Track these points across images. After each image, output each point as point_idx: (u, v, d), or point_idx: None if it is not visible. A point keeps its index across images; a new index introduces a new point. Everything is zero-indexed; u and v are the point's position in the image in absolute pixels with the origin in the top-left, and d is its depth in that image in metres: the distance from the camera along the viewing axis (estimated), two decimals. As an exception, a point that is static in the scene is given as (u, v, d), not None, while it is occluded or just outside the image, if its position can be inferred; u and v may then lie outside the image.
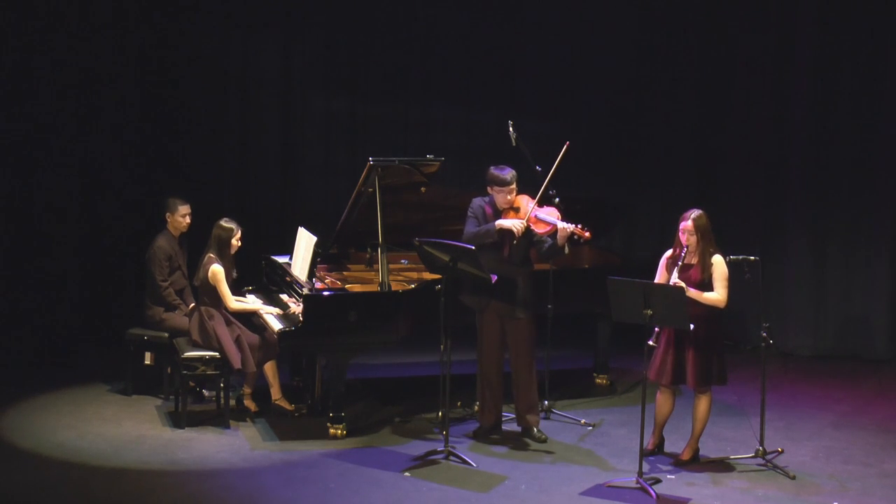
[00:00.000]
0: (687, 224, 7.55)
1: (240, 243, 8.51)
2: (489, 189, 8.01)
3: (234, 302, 8.44)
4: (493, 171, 7.98)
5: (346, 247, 9.17)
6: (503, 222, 7.87)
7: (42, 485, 7.28)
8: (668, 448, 8.00)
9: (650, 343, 7.41)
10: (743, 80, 11.03)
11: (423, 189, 8.62)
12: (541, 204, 7.94)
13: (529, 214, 7.86)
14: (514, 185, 7.93)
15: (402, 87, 11.50)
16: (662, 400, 7.84)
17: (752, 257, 7.80)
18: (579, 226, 7.69)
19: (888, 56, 10.52)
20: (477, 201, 8.08)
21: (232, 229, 8.44)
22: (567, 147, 7.89)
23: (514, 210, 7.96)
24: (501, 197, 7.95)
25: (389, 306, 8.16)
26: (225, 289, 8.36)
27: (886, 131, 10.58)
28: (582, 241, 7.76)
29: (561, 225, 7.72)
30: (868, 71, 10.60)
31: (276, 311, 8.61)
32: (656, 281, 7.64)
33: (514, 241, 7.88)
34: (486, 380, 8.20)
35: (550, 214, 7.87)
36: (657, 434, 7.96)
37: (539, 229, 7.85)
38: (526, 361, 8.10)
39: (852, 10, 10.59)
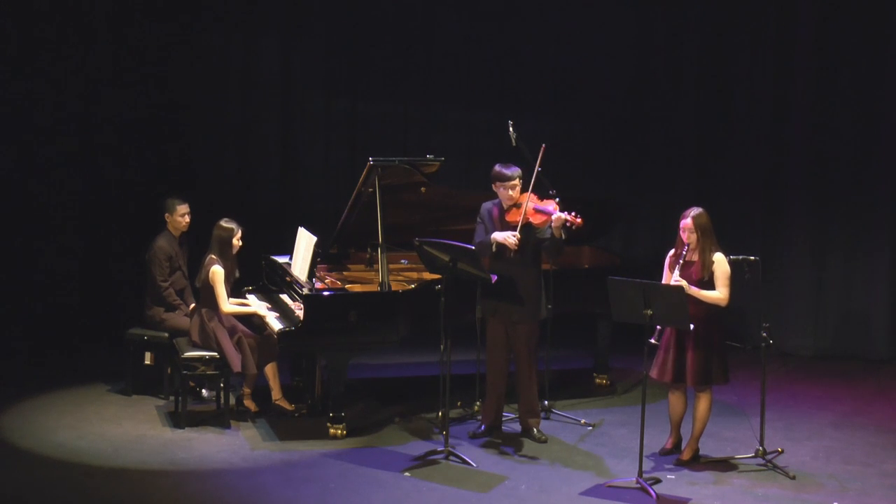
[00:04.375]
0: (687, 222, 7.56)
1: (241, 243, 8.50)
2: (493, 186, 8.01)
3: (227, 305, 8.41)
4: (497, 167, 8.00)
5: (346, 247, 9.17)
6: (497, 236, 7.88)
7: (42, 485, 7.29)
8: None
9: (651, 341, 7.40)
10: (743, 80, 11.02)
11: (423, 189, 8.63)
12: (541, 198, 7.96)
13: (527, 207, 7.88)
14: (515, 182, 7.93)
15: (402, 87, 11.49)
16: (675, 400, 7.85)
17: (752, 257, 7.81)
18: (573, 213, 7.69)
19: (887, 55, 10.52)
20: (485, 206, 8.09)
21: (232, 229, 8.43)
22: (544, 149, 7.89)
23: (517, 207, 7.98)
24: (504, 193, 7.96)
25: (389, 306, 8.16)
26: (221, 290, 8.33)
27: (886, 131, 10.58)
28: (574, 227, 7.73)
29: (555, 214, 7.74)
30: (868, 70, 10.60)
31: (276, 311, 8.61)
32: (663, 281, 7.64)
33: (512, 254, 7.88)
34: (491, 380, 8.21)
35: (547, 204, 7.89)
36: (675, 433, 7.97)
37: (536, 221, 7.87)
38: (528, 363, 8.11)
39: (852, 9, 10.59)
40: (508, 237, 7.85)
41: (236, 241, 8.46)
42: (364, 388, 9.36)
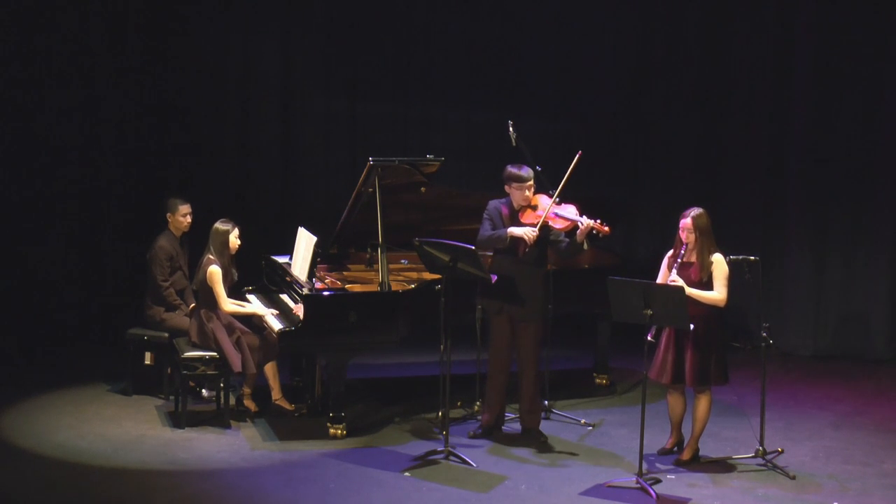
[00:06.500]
0: (686, 222, 7.56)
1: (239, 241, 8.50)
2: (507, 187, 8.01)
3: (228, 304, 8.41)
4: (511, 168, 8.00)
5: (346, 247, 9.16)
6: (515, 230, 7.87)
7: (42, 485, 7.29)
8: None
9: (649, 338, 7.39)
10: (743, 80, 11.03)
11: (422, 189, 8.63)
12: (559, 202, 7.95)
13: (548, 211, 7.86)
14: (531, 182, 7.95)
15: (402, 87, 11.50)
16: (674, 401, 7.85)
17: (752, 257, 7.80)
18: (598, 221, 7.70)
19: (888, 56, 10.52)
20: (493, 203, 8.08)
21: (228, 230, 8.42)
22: (580, 156, 7.88)
23: (532, 208, 7.97)
24: (520, 194, 7.95)
25: (389, 306, 8.16)
26: (220, 290, 8.33)
27: (886, 132, 10.58)
28: (601, 235, 7.75)
29: (583, 221, 7.73)
30: (868, 70, 10.59)
31: (276, 311, 8.61)
32: (659, 280, 7.64)
33: (527, 249, 7.90)
34: (493, 380, 8.20)
35: (569, 211, 7.89)
36: (675, 434, 7.97)
37: (558, 225, 7.88)
38: (532, 363, 8.11)
39: (852, 10, 10.59)
40: (528, 232, 7.84)
41: (234, 240, 8.45)
42: (364, 388, 9.36)
